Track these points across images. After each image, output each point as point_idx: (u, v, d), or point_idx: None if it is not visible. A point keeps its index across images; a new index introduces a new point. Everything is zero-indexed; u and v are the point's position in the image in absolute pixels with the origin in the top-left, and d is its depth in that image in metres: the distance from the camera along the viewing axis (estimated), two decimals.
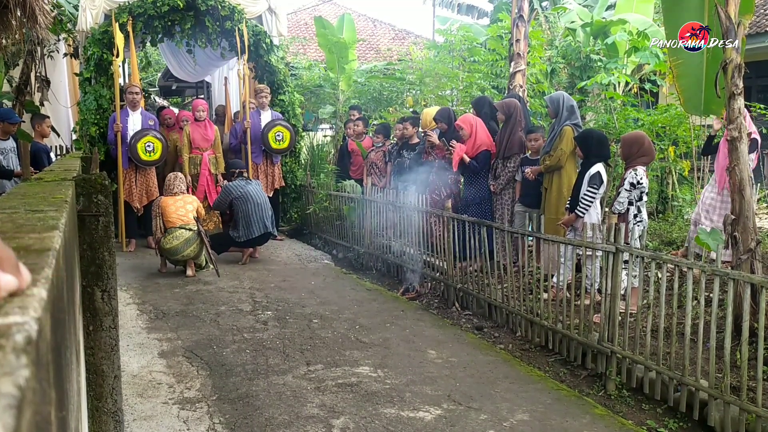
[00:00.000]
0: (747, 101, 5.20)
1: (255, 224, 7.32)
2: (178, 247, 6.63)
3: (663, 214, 8.41)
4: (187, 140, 8.33)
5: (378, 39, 22.20)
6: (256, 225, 7.32)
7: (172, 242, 6.62)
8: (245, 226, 7.29)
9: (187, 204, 6.84)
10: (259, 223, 7.34)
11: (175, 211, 6.74)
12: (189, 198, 6.99)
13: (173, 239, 6.62)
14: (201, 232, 6.74)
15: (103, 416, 2.41)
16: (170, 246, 6.62)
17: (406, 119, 7.76)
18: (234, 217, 7.49)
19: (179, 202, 6.81)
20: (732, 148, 4.29)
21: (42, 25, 6.52)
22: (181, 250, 6.66)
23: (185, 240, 6.63)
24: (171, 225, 6.68)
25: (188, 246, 6.66)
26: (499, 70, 10.15)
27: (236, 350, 4.63)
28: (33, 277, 0.67)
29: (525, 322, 5.12)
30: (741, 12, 4.34)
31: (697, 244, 3.93)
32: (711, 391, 3.59)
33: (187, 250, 6.68)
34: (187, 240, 6.63)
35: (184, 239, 6.62)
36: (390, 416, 3.61)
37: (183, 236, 6.63)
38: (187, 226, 6.68)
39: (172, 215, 6.72)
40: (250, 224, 7.30)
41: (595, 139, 5.44)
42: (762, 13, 12.05)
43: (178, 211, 6.74)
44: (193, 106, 8.96)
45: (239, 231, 7.33)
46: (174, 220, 6.69)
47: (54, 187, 2.18)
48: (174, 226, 6.66)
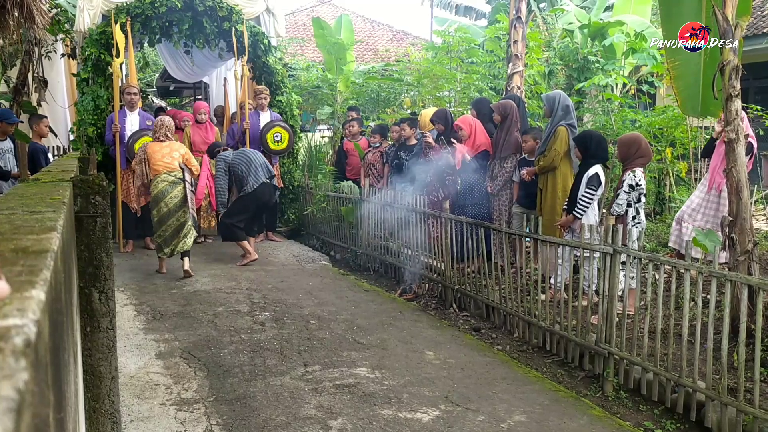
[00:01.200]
0: (744, 103, 5.21)
1: (260, 170, 7.34)
2: (165, 189, 6.59)
3: (660, 216, 8.43)
4: (187, 141, 8.31)
5: (376, 40, 22.22)
6: (261, 170, 7.34)
7: (159, 185, 6.60)
8: (253, 174, 7.29)
9: (173, 151, 6.74)
10: (262, 168, 7.38)
11: (161, 158, 6.66)
12: (176, 145, 6.87)
13: (159, 182, 6.60)
14: (185, 180, 6.68)
15: (101, 417, 2.41)
16: (157, 190, 6.60)
17: (403, 120, 7.77)
18: (238, 182, 7.41)
19: (165, 149, 6.71)
20: (729, 150, 4.30)
21: (39, 26, 6.52)
22: (168, 191, 6.59)
23: (171, 182, 6.61)
24: (155, 173, 6.65)
25: (174, 187, 6.62)
26: (497, 71, 10.17)
27: (234, 351, 4.63)
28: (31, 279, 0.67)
29: (522, 323, 5.12)
30: (738, 14, 4.35)
31: (693, 245, 3.93)
32: (708, 392, 3.60)
33: (174, 190, 6.61)
34: (173, 182, 6.62)
35: (170, 181, 6.61)
36: (387, 417, 3.61)
37: (168, 179, 6.62)
38: (172, 173, 6.64)
39: (158, 162, 6.64)
40: (256, 171, 7.31)
41: (594, 140, 5.44)
42: (759, 15, 12.08)
43: (164, 159, 6.66)
44: (194, 108, 8.94)
45: (248, 183, 7.29)
46: (159, 167, 6.63)
47: (52, 188, 2.18)
48: (158, 174, 6.62)
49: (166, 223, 6.64)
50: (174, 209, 6.65)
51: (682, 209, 5.98)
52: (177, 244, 6.70)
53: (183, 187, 6.69)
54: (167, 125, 6.90)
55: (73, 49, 9.55)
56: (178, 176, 6.68)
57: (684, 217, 5.80)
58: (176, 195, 6.65)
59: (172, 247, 6.70)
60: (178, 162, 6.71)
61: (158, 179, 6.63)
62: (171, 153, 6.71)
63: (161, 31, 8.73)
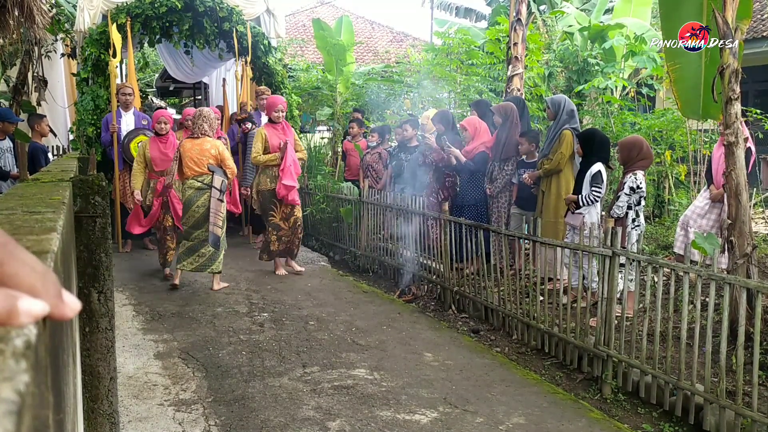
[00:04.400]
0: (744, 106, 5.22)
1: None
2: (192, 197, 6.07)
3: (659, 218, 8.44)
4: (143, 158, 7.93)
5: (376, 41, 22.22)
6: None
7: (186, 192, 6.11)
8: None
9: (204, 152, 6.05)
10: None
11: (190, 158, 6.03)
12: (207, 144, 6.08)
13: (186, 188, 6.10)
14: (214, 186, 6.02)
15: (99, 418, 2.41)
16: (185, 197, 6.12)
17: (405, 122, 7.78)
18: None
19: (195, 149, 6.04)
20: (728, 153, 4.31)
21: (39, 25, 6.53)
22: (195, 199, 6.06)
23: (197, 188, 6.08)
24: (185, 176, 6.09)
25: (201, 195, 6.07)
26: (497, 73, 10.17)
27: (232, 352, 4.62)
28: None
29: (521, 325, 5.12)
30: (738, 17, 4.35)
31: (693, 248, 3.94)
32: (707, 395, 3.60)
33: (200, 199, 6.06)
34: (199, 189, 6.09)
35: (196, 188, 6.08)
36: (386, 419, 3.61)
37: (194, 185, 6.08)
38: (199, 178, 6.06)
39: (188, 163, 6.04)
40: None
41: (597, 139, 5.46)
42: (759, 19, 12.10)
43: (194, 159, 6.03)
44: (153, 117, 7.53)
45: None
46: (187, 171, 6.06)
47: (51, 189, 2.17)
48: (187, 177, 6.08)
49: (194, 233, 6.13)
50: (202, 220, 6.10)
51: (686, 214, 5.94)
52: (203, 257, 6.15)
53: (208, 196, 6.06)
54: (205, 116, 6.16)
55: (73, 49, 9.55)
56: (206, 182, 6.07)
57: (689, 222, 5.78)
58: (202, 204, 6.08)
59: (194, 260, 6.16)
60: (210, 162, 6.06)
61: (186, 185, 6.11)
62: (202, 153, 6.04)
63: (161, 32, 8.73)
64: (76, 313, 0.57)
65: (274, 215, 6.67)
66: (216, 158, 6.09)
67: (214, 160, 6.08)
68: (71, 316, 0.55)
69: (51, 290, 0.52)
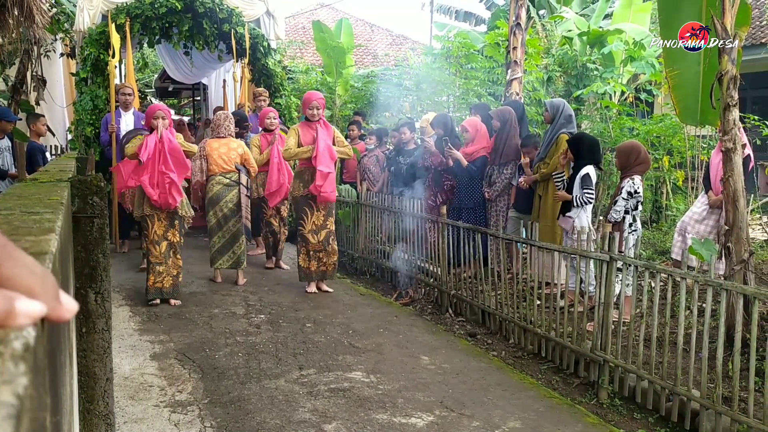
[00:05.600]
0: (742, 112, 5.23)
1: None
2: (220, 192, 6.38)
3: (657, 224, 8.45)
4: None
5: (375, 44, 22.24)
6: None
7: (214, 188, 6.40)
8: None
9: (231, 150, 6.46)
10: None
11: (218, 157, 6.41)
12: (234, 143, 6.54)
13: (214, 184, 6.40)
14: (241, 183, 6.46)
15: (95, 419, 2.40)
16: (212, 193, 6.40)
17: (402, 124, 7.78)
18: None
19: (223, 148, 6.45)
20: (726, 159, 4.32)
21: (39, 25, 6.53)
22: (223, 195, 6.39)
23: (226, 185, 6.42)
24: (212, 173, 6.42)
25: (230, 191, 6.42)
26: (496, 77, 10.18)
27: (229, 353, 4.62)
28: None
29: (518, 329, 5.12)
30: (737, 24, 4.37)
31: (690, 254, 3.94)
32: (703, 401, 3.60)
33: (229, 194, 6.41)
34: (227, 185, 6.42)
35: (225, 184, 6.41)
36: (382, 422, 3.60)
37: (223, 182, 6.42)
38: (227, 174, 6.43)
39: (216, 161, 6.40)
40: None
41: (585, 143, 5.47)
42: (758, 25, 12.14)
43: (221, 158, 6.41)
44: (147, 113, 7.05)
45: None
46: (214, 168, 6.41)
47: (50, 189, 2.17)
48: (214, 174, 6.42)
49: (222, 229, 6.41)
50: (230, 214, 6.44)
51: (684, 219, 5.94)
52: (236, 253, 6.48)
53: (238, 191, 6.47)
54: (231, 118, 6.63)
55: (73, 49, 9.55)
56: (234, 179, 6.45)
57: (687, 228, 5.78)
58: (231, 199, 6.43)
59: (229, 257, 6.49)
60: (236, 161, 6.46)
61: (213, 181, 6.41)
62: (229, 152, 6.44)
63: (161, 32, 8.73)
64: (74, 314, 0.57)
65: (303, 225, 6.26)
66: (242, 157, 6.51)
67: (239, 158, 6.49)
68: (69, 317, 0.55)
69: (49, 292, 0.52)
